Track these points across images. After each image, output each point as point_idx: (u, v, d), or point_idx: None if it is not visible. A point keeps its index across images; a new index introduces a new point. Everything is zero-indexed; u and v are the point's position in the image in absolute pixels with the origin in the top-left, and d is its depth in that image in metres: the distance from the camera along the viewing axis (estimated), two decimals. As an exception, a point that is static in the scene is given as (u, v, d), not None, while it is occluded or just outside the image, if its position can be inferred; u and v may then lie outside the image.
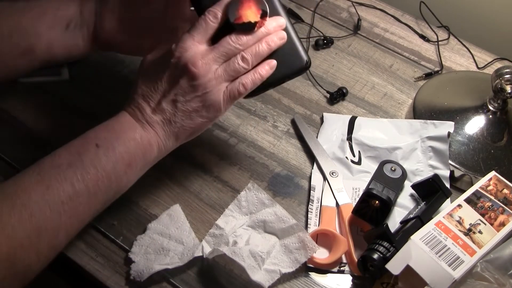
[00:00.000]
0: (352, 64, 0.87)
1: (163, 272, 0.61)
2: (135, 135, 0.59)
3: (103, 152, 0.57)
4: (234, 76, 0.60)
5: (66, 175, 0.55)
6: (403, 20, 0.94)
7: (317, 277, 0.63)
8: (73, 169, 0.55)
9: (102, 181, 0.57)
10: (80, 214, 0.56)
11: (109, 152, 0.57)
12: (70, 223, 0.56)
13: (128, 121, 0.60)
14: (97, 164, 0.56)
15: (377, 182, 0.67)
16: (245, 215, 0.67)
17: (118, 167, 0.58)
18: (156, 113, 0.60)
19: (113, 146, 0.58)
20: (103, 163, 0.57)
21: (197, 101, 0.59)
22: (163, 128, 0.60)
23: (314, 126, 0.78)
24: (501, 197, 0.64)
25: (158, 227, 0.65)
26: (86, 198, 0.56)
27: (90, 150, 0.57)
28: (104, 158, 0.57)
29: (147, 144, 0.60)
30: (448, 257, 0.58)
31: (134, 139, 0.59)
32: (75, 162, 0.56)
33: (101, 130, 0.59)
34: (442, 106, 0.78)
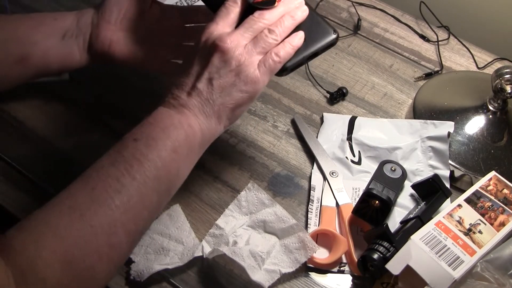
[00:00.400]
0: (352, 64, 0.87)
1: (163, 272, 0.61)
2: (173, 121, 0.57)
3: (143, 144, 0.55)
4: (266, 49, 0.60)
5: (109, 173, 0.53)
6: (403, 20, 0.94)
7: (317, 277, 0.63)
8: (116, 166, 0.54)
9: (149, 170, 0.54)
10: (135, 208, 0.54)
11: (149, 142, 0.55)
12: (126, 218, 0.53)
13: (164, 112, 0.58)
14: (139, 155, 0.54)
15: (377, 182, 0.67)
16: (245, 215, 0.67)
17: (162, 154, 0.56)
18: (191, 96, 0.58)
19: (152, 136, 0.56)
20: (145, 153, 0.55)
21: (232, 75, 0.58)
22: (201, 109, 0.58)
23: (314, 126, 0.78)
24: (501, 197, 0.64)
25: (158, 227, 0.65)
26: (136, 190, 0.53)
27: (128, 145, 0.55)
28: (144, 148, 0.55)
29: (187, 127, 0.58)
30: (448, 257, 0.58)
31: (172, 124, 0.57)
32: (116, 159, 0.54)
33: (137, 127, 0.58)
34: (442, 106, 0.78)
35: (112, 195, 0.52)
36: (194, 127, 0.58)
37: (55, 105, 0.77)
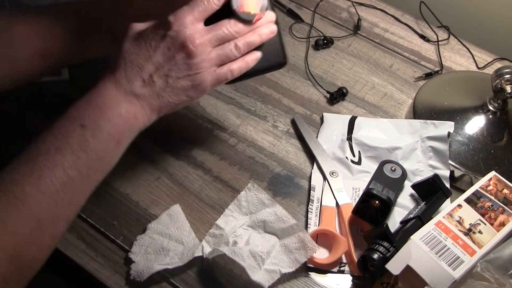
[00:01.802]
0: (352, 64, 0.87)
1: (163, 272, 0.61)
2: (120, 110, 0.57)
3: (90, 134, 0.55)
4: (224, 61, 0.61)
5: (56, 161, 0.53)
6: (403, 20, 0.94)
7: (317, 277, 0.63)
8: (62, 154, 0.54)
9: (94, 163, 0.55)
10: (77, 200, 0.55)
11: (95, 132, 0.55)
12: (68, 210, 0.55)
13: (111, 94, 0.57)
14: (86, 147, 0.55)
15: (377, 182, 0.67)
16: (245, 215, 0.67)
17: (107, 146, 0.57)
18: (146, 86, 0.58)
19: (99, 125, 0.56)
20: (92, 145, 0.55)
21: (187, 80, 0.59)
22: (149, 102, 0.58)
23: (314, 126, 0.78)
24: (501, 197, 0.64)
25: (158, 227, 0.65)
26: (80, 183, 0.55)
27: (75, 132, 0.55)
28: (92, 139, 0.55)
29: (133, 118, 0.58)
30: (448, 257, 0.58)
31: (120, 115, 0.57)
32: (62, 146, 0.54)
33: (84, 108, 0.57)
34: (442, 106, 0.78)
35: (58, 188, 0.53)
36: (138, 118, 0.58)
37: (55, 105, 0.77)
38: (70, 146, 0.54)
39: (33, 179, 0.53)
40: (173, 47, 0.57)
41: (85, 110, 0.57)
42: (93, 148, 0.55)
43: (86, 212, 0.67)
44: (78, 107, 0.57)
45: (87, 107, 0.57)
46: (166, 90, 0.59)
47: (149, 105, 0.59)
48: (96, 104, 0.57)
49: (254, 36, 0.61)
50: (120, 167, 0.71)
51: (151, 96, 0.58)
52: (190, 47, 0.57)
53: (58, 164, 0.53)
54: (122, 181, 0.70)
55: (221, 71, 0.61)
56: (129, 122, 0.58)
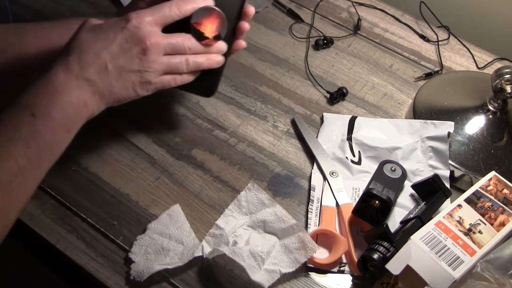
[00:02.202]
0: (352, 64, 0.87)
1: (163, 272, 0.61)
2: (71, 98, 0.57)
3: (41, 122, 0.55)
4: (171, 71, 0.62)
5: (8, 151, 0.53)
6: (403, 20, 0.94)
7: (317, 277, 0.63)
8: (14, 144, 0.54)
9: (45, 152, 0.56)
10: (28, 188, 0.56)
11: (46, 121, 0.55)
12: (20, 200, 0.55)
13: (62, 81, 0.57)
14: (37, 136, 0.55)
15: (377, 182, 0.67)
16: (245, 215, 0.67)
17: (58, 135, 0.57)
18: (100, 73, 0.58)
19: (49, 113, 0.55)
20: (43, 134, 0.55)
21: (138, 75, 0.60)
22: (100, 90, 0.59)
23: (314, 126, 0.78)
24: (501, 197, 0.64)
25: (158, 227, 0.65)
26: (31, 172, 0.55)
27: (26, 121, 0.54)
28: (42, 128, 0.55)
29: (83, 106, 0.58)
30: (448, 257, 0.58)
31: (70, 102, 0.57)
32: (13, 136, 0.54)
33: (34, 95, 0.56)
34: (442, 106, 0.78)
35: (10, 179, 0.53)
36: (88, 106, 0.58)
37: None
38: (21, 136, 0.54)
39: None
40: (130, 40, 0.59)
41: (35, 98, 0.56)
42: (43, 137, 0.55)
43: (86, 212, 0.67)
44: (28, 94, 0.56)
45: (38, 95, 0.57)
46: (118, 81, 0.59)
47: (99, 93, 0.59)
48: (47, 92, 0.57)
49: (203, 59, 0.64)
50: (120, 167, 0.71)
51: (103, 84, 0.59)
52: (147, 44, 0.59)
53: (10, 154, 0.53)
54: (122, 181, 0.70)
55: (164, 78, 0.62)
56: (80, 110, 0.58)
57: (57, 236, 0.65)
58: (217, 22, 0.63)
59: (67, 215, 0.67)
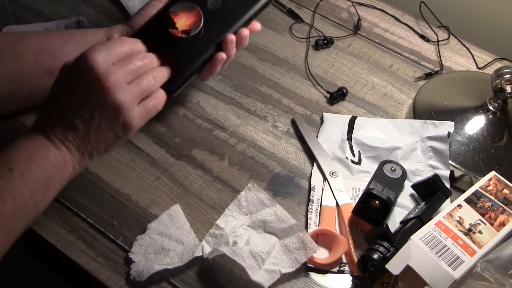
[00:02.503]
0: (352, 64, 0.87)
1: (163, 272, 0.61)
2: (49, 156, 0.55)
3: (18, 177, 0.53)
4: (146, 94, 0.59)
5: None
6: (403, 20, 0.94)
7: (317, 277, 0.63)
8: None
9: (21, 209, 0.54)
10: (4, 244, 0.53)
11: (24, 177, 0.54)
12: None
13: (40, 140, 0.56)
14: (13, 191, 0.53)
15: (377, 182, 0.67)
16: (245, 215, 0.67)
17: (35, 192, 0.55)
18: (68, 131, 0.56)
19: (28, 169, 0.54)
20: (19, 189, 0.53)
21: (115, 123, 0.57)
22: (78, 147, 0.57)
23: (314, 126, 0.78)
24: (501, 197, 0.64)
25: (158, 227, 0.65)
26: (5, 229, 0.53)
27: (3, 176, 0.53)
28: (19, 183, 0.53)
29: (62, 165, 0.56)
30: (448, 257, 0.58)
31: (48, 160, 0.55)
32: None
33: (12, 153, 0.55)
34: (442, 106, 0.78)
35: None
36: (68, 165, 0.57)
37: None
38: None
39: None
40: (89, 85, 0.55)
41: (13, 154, 0.55)
42: (20, 192, 0.53)
43: (86, 212, 0.67)
44: (7, 152, 0.55)
45: (16, 152, 0.55)
46: (91, 132, 0.57)
47: (78, 150, 0.57)
48: (25, 149, 0.55)
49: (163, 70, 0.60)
50: (120, 167, 0.71)
51: (78, 141, 0.57)
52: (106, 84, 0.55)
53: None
54: (122, 181, 0.70)
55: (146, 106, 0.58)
56: (59, 168, 0.56)
57: (57, 236, 0.65)
58: (192, 20, 0.63)
59: (67, 215, 0.67)
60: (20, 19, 0.87)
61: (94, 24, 0.88)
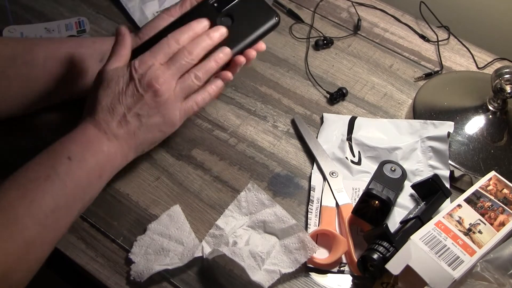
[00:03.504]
0: (352, 64, 0.87)
1: (163, 273, 0.61)
2: (102, 147, 0.60)
3: (76, 165, 0.58)
4: (189, 93, 0.65)
5: (46, 188, 0.55)
6: (403, 20, 0.94)
7: (317, 277, 0.63)
8: (51, 182, 0.55)
9: (78, 194, 0.58)
10: (61, 227, 0.57)
11: (81, 165, 0.58)
12: (54, 236, 0.56)
13: (94, 133, 0.60)
14: (72, 177, 0.57)
15: (377, 182, 0.67)
16: (245, 215, 0.67)
17: (91, 179, 0.59)
18: (121, 126, 0.61)
19: (84, 158, 0.59)
20: (78, 175, 0.58)
21: (158, 116, 0.63)
22: (127, 140, 0.62)
23: (314, 126, 0.78)
24: (501, 197, 0.64)
25: (158, 228, 0.65)
26: (65, 211, 0.57)
27: (63, 163, 0.57)
28: (78, 170, 0.58)
29: (113, 155, 0.61)
30: (448, 257, 0.58)
31: (102, 151, 0.60)
32: (51, 175, 0.56)
33: (69, 143, 0.59)
34: (442, 106, 0.78)
35: (47, 214, 0.54)
36: (118, 156, 0.62)
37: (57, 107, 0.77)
38: (58, 175, 0.56)
39: (26, 203, 0.54)
40: (140, 88, 0.61)
41: (70, 144, 0.59)
42: (79, 178, 0.58)
43: (86, 212, 0.67)
44: (63, 143, 0.59)
45: (73, 143, 0.60)
46: (141, 128, 0.62)
47: (127, 144, 0.62)
48: (81, 141, 0.60)
49: (211, 62, 0.65)
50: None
51: (127, 135, 0.62)
52: (156, 87, 0.61)
53: (47, 191, 0.55)
54: (122, 181, 0.70)
55: (187, 104, 0.65)
56: (111, 159, 0.61)
57: (57, 236, 0.65)
58: None
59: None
60: (20, 19, 0.87)
61: (94, 24, 0.88)
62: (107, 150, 0.60)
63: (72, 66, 0.70)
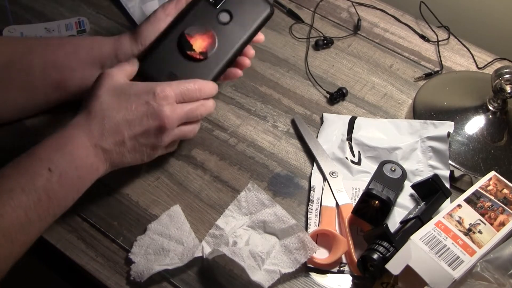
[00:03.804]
0: (352, 64, 0.87)
1: (163, 273, 0.61)
2: (87, 161, 0.59)
3: (57, 179, 0.56)
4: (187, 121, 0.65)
5: (20, 202, 0.53)
6: (403, 20, 0.94)
7: (317, 277, 0.63)
8: (26, 195, 0.54)
9: (53, 208, 0.56)
10: (29, 240, 0.56)
11: (62, 179, 0.56)
12: (20, 251, 0.55)
13: (83, 144, 0.59)
14: (50, 191, 0.55)
15: (377, 182, 0.67)
16: (245, 215, 0.67)
17: (69, 194, 0.58)
18: (116, 145, 0.61)
19: (66, 172, 0.57)
20: (56, 190, 0.56)
21: (149, 148, 0.63)
22: (112, 158, 0.61)
23: (314, 126, 0.78)
24: (501, 197, 0.64)
25: (158, 228, 0.65)
26: (37, 225, 0.55)
27: (43, 175, 0.55)
28: (57, 185, 0.56)
29: (95, 170, 0.60)
30: (448, 257, 0.58)
31: (86, 165, 0.59)
32: (27, 187, 0.54)
33: (53, 150, 0.57)
34: (442, 106, 0.78)
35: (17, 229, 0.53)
36: (99, 171, 0.61)
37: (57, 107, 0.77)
38: (35, 188, 0.54)
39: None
40: (150, 116, 0.61)
41: (54, 153, 0.57)
42: (56, 193, 0.56)
43: (86, 212, 0.67)
44: (46, 147, 0.57)
45: (57, 151, 0.57)
46: (131, 152, 0.62)
47: (110, 161, 0.61)
48: (67, 151, 0.58)
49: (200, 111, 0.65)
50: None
51: (116, 154, 0.61)
52: (165, 122, 0.61)
53: (21, 204, 0.53)
54: (122, 181, 0.70)
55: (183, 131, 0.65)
56: (92, 173, 0.60)
57: (57, 236, 0.65)
58: (208, 42, 0.67)
59: (67, 215, 0.67)
60: (20, 19, 0.87)
61: (94, 24, 0.88)
62: (90, 164, 0.59)
63: (71, 72, 0.69)
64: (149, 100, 0.61)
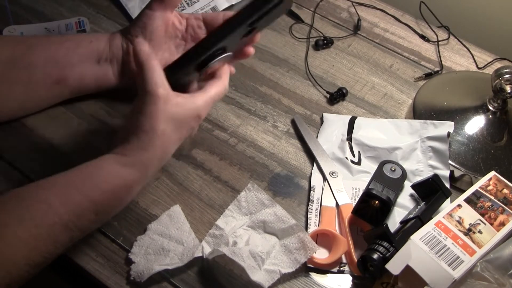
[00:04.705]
0: (352, 64, 0.87)
1: (163, 273, 0.61)
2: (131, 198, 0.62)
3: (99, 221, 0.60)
4: None
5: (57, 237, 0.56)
6: (403, 20, 0.94)
7: (317, 277, 0.63)
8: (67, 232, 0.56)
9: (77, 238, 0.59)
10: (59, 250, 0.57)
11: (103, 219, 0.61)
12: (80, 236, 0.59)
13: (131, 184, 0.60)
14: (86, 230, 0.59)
15: (377, 182, 0.67)
16: (245, 215, 0.67)
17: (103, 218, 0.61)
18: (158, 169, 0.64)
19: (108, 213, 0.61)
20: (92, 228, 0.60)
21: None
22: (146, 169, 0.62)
23: (314, 126, 0.78)
24: (501, 197, 0.64)
25: (158, 228, 0.65)
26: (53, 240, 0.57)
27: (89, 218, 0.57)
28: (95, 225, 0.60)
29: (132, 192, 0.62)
30: (448, 257, 0.58)
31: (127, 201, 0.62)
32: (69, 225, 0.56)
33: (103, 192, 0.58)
34: (442, 106, 0.78)
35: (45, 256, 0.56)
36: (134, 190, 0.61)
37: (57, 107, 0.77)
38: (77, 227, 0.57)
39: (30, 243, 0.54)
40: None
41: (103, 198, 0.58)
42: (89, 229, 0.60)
43: (86, 212, 0.67)
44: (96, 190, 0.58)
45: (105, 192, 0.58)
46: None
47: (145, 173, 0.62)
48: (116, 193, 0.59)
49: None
50: (120, 167, 0.71)
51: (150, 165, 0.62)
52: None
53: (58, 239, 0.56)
54: (122, 181, 0.70)
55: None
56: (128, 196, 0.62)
57: (57, 236, 0.65)
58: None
59: (67, 215, 0.67)
60: (20, 19, 0.87)
61: (94, 24, 0.88)
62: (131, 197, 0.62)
63: (70, 69, 0.70)
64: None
